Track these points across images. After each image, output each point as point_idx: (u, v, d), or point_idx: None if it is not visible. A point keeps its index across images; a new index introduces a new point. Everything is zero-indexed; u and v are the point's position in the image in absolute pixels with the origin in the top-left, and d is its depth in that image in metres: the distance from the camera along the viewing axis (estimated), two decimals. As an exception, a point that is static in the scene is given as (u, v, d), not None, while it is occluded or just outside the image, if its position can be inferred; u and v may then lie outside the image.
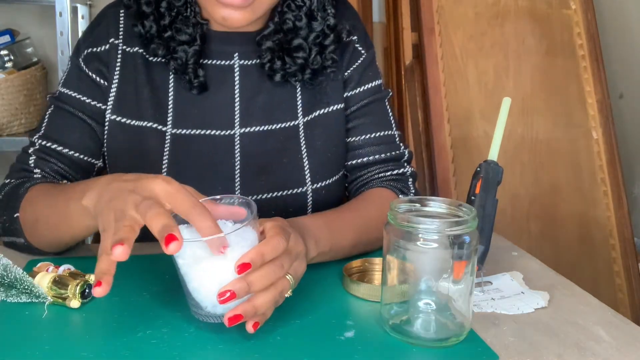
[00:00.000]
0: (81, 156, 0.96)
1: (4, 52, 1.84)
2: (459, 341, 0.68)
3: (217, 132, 0.96)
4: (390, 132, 1.04)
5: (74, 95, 0.96)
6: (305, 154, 0.99)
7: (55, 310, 0.73)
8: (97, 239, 1.25)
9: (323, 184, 1.00)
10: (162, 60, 0.96)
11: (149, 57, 0.96)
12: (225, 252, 0.64)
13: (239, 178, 0.97)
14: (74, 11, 1.90)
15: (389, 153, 1.03)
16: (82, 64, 0.97)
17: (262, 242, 0.66)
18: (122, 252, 0.58)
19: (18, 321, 0.70)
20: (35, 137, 0.96)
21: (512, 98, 0.86)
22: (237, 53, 0.98)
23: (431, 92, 1.78)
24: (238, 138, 0.97)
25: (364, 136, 1.03)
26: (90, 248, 0.96)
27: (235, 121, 0.97)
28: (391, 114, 1.06)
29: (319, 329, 0.70)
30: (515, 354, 0.66)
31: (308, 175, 0.99)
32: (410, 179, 1.04)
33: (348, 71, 1.03)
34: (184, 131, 0.96)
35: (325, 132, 1.01)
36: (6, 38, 1.87)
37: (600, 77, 1.85)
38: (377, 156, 1.03)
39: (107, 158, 0.98)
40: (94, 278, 0.60)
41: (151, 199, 0.63)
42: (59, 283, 0.74)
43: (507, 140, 1.77)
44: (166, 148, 0.95)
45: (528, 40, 1.86)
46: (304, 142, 1.00)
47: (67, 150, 0.95)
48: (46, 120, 0.97)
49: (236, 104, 0.97)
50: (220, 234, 0.63)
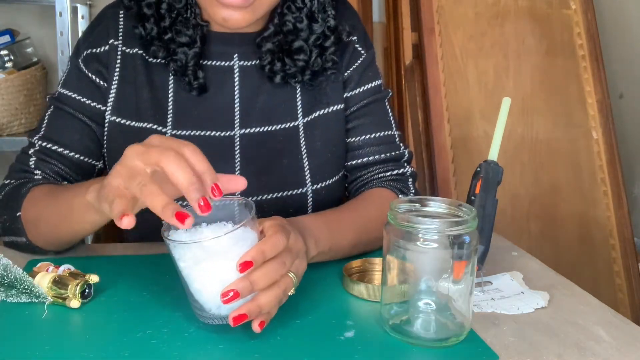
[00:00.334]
0: (81, 157, 0.96)
1: (4, 52, 1.84)
2: (459, 341, 0.68)
3: (217, 133, 0.96)
4: (390, 132, 1.04)
5: (74, 96, 0.96)
6: (305, 155, 0.99)
7: (55, 310, 0.73)
8: (97, 239, 1.25)
9: (323, 185, 1.00)
10: (162, 61, 0.95)
11: (149, 59, 0.96)
12: (225, 253, 0.64)
13: (239, 179, 0.96)
14: (74, 11, 1.90)
15: (389, 153, 1.03)
16: (82, 65, 0.96)
17: (262, 240, 0.66)
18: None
19: (18, 321, 0.71)
20: (35, 138, 0.96)
21: (512, 98, 0.86)
22: (237, 54, 0.98)
23: (431, 92, 1.78)
24: (238, 139, 0.97)
25: (364, 136, 1.03)
26: (90, 248, 0.96)
27: (235, 122, 0.97)
28: (391, 114, 1.06)
29: (319, 329, 0.70)
30: (515, 354, 0.66)
31: (308, 175, 0.99)
32: (410, 179, 1.04)
33: (348, 71, 1.03)
34: (184, 132, 0.96)
35: (325, 133, 1.01)
36: (6, 38, 1.87)
37: (600, 77, 1.85)
38: (377, 156, 1.03)
39: (107, 159, 0.98)
40: (115, 214, 0.61)
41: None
42: (59, 283, 0.74)
43: (507, 140, 1.77)
44: (166, 148, 0.95)
45: (528, 40, 1.86)
46: (304, 143, 0.99)
47: (68, 151, 0.95)
48: (46, 121, 0.97)
49: (236, 105, 0.97)
50: (220, 235, 0.63)
